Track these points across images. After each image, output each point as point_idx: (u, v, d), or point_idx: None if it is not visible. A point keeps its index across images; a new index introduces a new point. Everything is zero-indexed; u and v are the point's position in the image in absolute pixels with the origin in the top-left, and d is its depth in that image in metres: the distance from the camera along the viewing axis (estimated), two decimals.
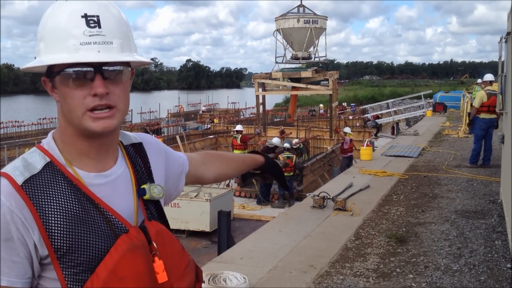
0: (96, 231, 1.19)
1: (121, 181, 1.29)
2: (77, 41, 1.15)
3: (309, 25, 26.78)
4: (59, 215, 1.16)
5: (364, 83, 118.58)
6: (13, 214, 1.13)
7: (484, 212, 7.20)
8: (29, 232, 1.14)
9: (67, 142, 1.25)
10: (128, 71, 1.24)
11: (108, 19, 1.19)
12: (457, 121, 21.73)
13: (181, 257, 1.32)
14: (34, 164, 1.19)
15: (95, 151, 1.26)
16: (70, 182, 1.20)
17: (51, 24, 1.18)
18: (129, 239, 1.20)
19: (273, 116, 33.28)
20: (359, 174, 10.34)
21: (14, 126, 24.11)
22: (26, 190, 1.15)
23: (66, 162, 1.22)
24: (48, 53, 1.18)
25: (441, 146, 14.49)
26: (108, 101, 1.18)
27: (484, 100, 10.69)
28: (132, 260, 1.19)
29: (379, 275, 4.97)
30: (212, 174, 1.72)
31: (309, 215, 7.29)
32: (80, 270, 1.17)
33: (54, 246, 1.15)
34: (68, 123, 1.23)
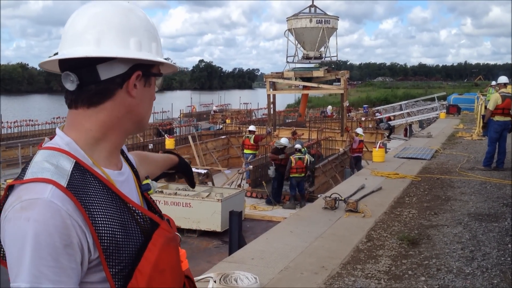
0: (129, 227, 1.21)
1: (131, 179, 1.36)
2: (159, 46, 1.34)
3: (321, 25, 26.78)
4: (102, 215, 1.15)
5: (377, 84, 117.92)
6: (72, 219, 1.09)
7: (497, 215, 7.14)
8: (85, 236, 1.12)
9: (101, 141, 1.25)
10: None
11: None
12: (471, 123, 21.55)
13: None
14: (62, 166, 1.15)
15: (118, 150, 1.34)
16: (100, 181, 1.19)
17: (147, 22, 1.32)
18: (163, 232, 1.25)
19: (285, 117, 33.23)
20: (371, 176, 10.30)
21: (28, 125, 24.36)
22: (73, 192, 1.12)
23: (93, 162, 1.22)
24: (150, 52, 1.28)
25: (454, 149, 14.39)
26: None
27: (498, 102, 10.60)
28: (169, 252, 1.25)
29: (391, 277, 4.95)
30: (143, 175, 1.61)
31: (320, 216, 7.28)
32: (121, 268, 1.17)
33: (103, 246, 1.14)
34: (132, 121, 1.29)
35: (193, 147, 19.15)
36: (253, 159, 17.05)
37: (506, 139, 10.80)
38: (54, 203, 1.08)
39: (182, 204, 11.07)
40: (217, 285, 4.67)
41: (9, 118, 28.66)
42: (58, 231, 1.07)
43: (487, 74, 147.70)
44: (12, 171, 18.40)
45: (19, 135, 23.37)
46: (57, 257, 1.07)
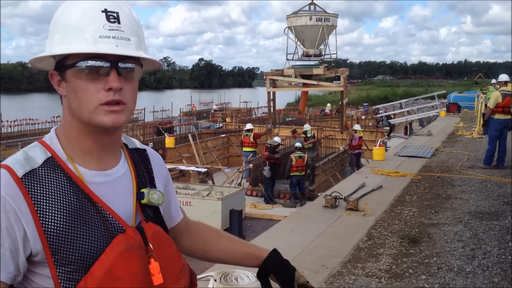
0: (92, 229, 1.17)
1: (121, 182, 1.28)
2: (96, 34, 1.15)
3: (320, 22, 26.83)
4: (56, 211, 1.14)
5: (377, 83, 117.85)
6: (7, 204, 1.10)
7: (498, 213, 7.13)
8: (21, 224, 1.11)
9: (71, 138, 1.24)
10: (139, 71, 1.25)
11: (126, 16, 1.20)
12: (471, 121, 21.54)
13: (177, 259, 1.31)
14: (35, 158, 1.18)
15: (99, 149, 1.25)
16: (69, 178, 1.18)
17: (69, 16, 1.18)
18: (126, 239, 1.18)
19: (285, 115, 33.23)
20: (372, 174, 10.29)
21: (28, 123, 24.34)
22: (25, 183, 1.13)
23: (67, 158, 1.21)
24: (64, 45, 1.17)
25: (454, 147, 14.38)
26: (121, 97, 1.19)
27: (499, 100, 10.59)
28: (128, 260, 1.17)
29: (391, 276, 4.94)
30: (186, 248, 1.57)
31: (321, 214, 7.27)
32: (74, 269, 1.14)
33: (49, 240, 1.12)
34: (75, 118, 1.22)
35: (193, 146, 19.15)
36: (254, 156, 17.11)
37: (506, 137, 10.79)
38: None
39: (182, 202, 11.07)
40: (218, 284, 4.66)
41: (9, 117, 28.65)
42: None
43: (487, 72, 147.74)
44: None
45: (19, 134, 23.36)
46: None
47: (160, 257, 1.23)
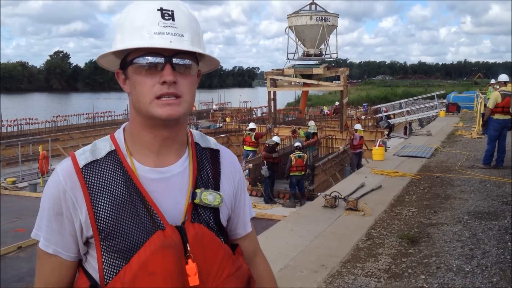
0: (137, 222, 1.23)
1: (176, 180, 1.31)
2: (151, 30, 1.21)
3: (321, 22, 26.87)
4: (107, 201, 1.23)
5: (377, 83, 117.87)
6: (67, 194, 1.24)
7: (497, 213, 7.14)
8: (77, 212, 1.24)
9: (134, 133, 1.32)
10: (196, 67, 1.29)
11: (181, 14, 1.26)
12: (471, 121, 21.55)
13: (224, 264, 1.29)
14: (101, 150, 1.29)
15: (158, 145, 1.30)
16: (125, 172, 1.27)
17: (129, 17, 1.26)
18: (163, 236, 1.22)
19: (284, 115, 33.23)
20: (371, 174, 10.30)
21: (28, 123, 24.31)
22: (84, 173, 1.25)
23: (127, 152, 1.30)
24: (124, 43, 1.24)
25: (454, 147, 14.39)
26: (175, 90, 1.23)
27: (498, 101, 10.59)
28: (163, 257, 1.20)
29: (391, 276, 4.95)
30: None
31: (320, 214, 7.29)
32: (117, 257, 1.23)
33: (99, 229, 1.23)
34: (136, 112, 1.28)
35: None
36: (254, 156, 17.18)
37: (505, 137, 10.80)
38: (58, 176, 1.27)
39: None
40: None
41: (9, 116, 28.63)
42: (52, 199, 1.27)
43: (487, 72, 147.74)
44: (12, 170, 18.41)
45: (19, 133, 23.32)
46: (50, 219, 1.28)
47: (201, 259, 1.24)
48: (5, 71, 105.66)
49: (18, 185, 15.28)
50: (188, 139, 1.39)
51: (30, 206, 11.75)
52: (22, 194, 13.66)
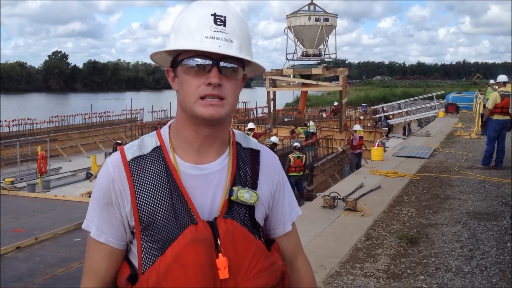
0: (174, 216, 1.30)
1: (214, 177, 1.37)
2: (203, 34, 1.28)
3: (319, 22, 26.90)
4: (149, 194, 1.31)
5: (376, 83, 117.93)
6: (115, 183, 1.33)
7: (496, 214, 7.14)
8: (124, 202, 1.33)
9: (178, 130, 1.39)
10: (241, 72, 1.35)
11: (233, 21, 1.32)
12: (470, 122, 21.57)
13: (256, 259, 1.33)
14: (147, 145, 1.37)
15: (199, 142, 1.36)
16: (167, 167, 1.34)
17: (184, 19, 1.33)
18: (195, 230, 1.28)
19: (283, 115, 33.24)
20: (370, 175, 10.30)
21: (26, 123, 24.29)
22: (131, 166, 1.34)
23: (171, 148, 1.37)
24: (176, 43, 1.32)
25: (453, 147, 14.39)
26: (220, 92, 1.29)
27: (497, 101, 10.59)
28: (195, 250, 1.26)
29: (390, 276, 4.95)
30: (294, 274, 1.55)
31: (319, 215, 7.28)
32: (155, 247, 1.30)
33: (140, 218, 1.31)
34: (182, 110, 1.35)
35: None
36: None
37: (505, 137, 10.80)
38: (109, 167, 1.36)
39: None
40: None
41: (8, 116, 28.62)
42: (103, 189, 1.35)
43: (486, 73, 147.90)
44: (11, 170, 18.39)
45: (18, 133, 23.31)
46: (101, 209, 1.36)
47: (232, 253, 1.29)
48: (4, 71, 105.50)
49: (16, 185, 15.25)
50: (230, 138, 1.45)
51: (28, 206, 11.73)
52: (20, 194, 13.62)
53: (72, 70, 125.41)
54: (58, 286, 6.93)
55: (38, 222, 10.30)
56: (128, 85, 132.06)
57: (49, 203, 12.16)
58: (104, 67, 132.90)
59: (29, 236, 8.94)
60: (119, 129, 27.59)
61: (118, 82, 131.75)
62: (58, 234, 9.21)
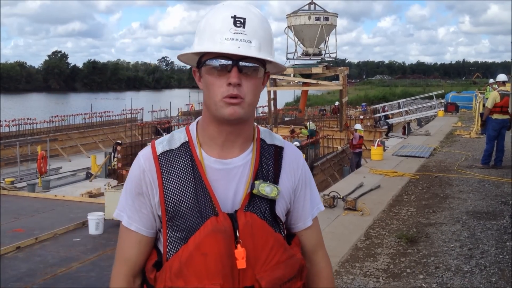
0: (198, 207, 1.37)
1: (237, 172, 1.43)
2: (223, 36, 1.34)
3: (320, 22, 26.92)
4: (176, 186, 1.39)
5: (375, 82, 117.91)
6: (146, 174, 1.42)
7: (495, 213, 7.15)
8: (153, 192, 1.41)
9: (203, 126, 1.46)
10: (262, 71, 1.41)
11: (253, 22, 1.37)
12: (469, 121, 21.58)
13: (274, 251, 1.39)
14: (176, 140, 1.46)
15: (222, 139, 1.43)
16: (194, 161, 1.42)
17: (207, 22, 1.39)
18: (216, 222, 1.35)
19: (283, 115, 33.24)
20: (370, 174, 10.31)
21: (26, 123, 24.29)
22: (160, 159, 1.42)
23: (198, 144, 1.45)
24: (199, 45, 1.39)
25: (452, 147, 14.40)
26: (239, 92, 1.35)
27: (497, 100, 10.60)
28: (215, 241, 1.33)
29: (389, 275, 4.96)
30: (314, 266, 1.64)
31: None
32: (179, 236, 1.38)
33: (166, 208, 1.39)
34: (207, 108, 1.42)
35: None
36: None
37: (504, 137, 10.81)
38: (140, 159, 1.45)
39: None
40: None
41: (8, 116, 28.64)
42: (135, 180, 1.44)
43: (486, 72, 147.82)
44: (11, 170, 18.39)
45: (18, 133, 23.31)
46: (132, 199, 1.45)
47: (250, 245, 1.35)
48: (3, 71, 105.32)
49: (16, 185, 15.25)
50: (255, 135, 1.50)
51: (28, 206, 11.74)
52: (20, 194, 13.64)
53: (72, 70, 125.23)
54: (58, 286, 6.93)
55: (38, 222, 10.32)
56: (128, 85, 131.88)
57: (49, 203, 12.18)
58: (104, 67, 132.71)
59: (29, 236, 8.95)
60: (119, 128, 27.56)
61: (118, 82, 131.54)
62: (58, 234, 9.22)
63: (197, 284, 1.33)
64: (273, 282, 1.37)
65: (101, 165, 17.42)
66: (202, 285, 1.33)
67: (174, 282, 1.35)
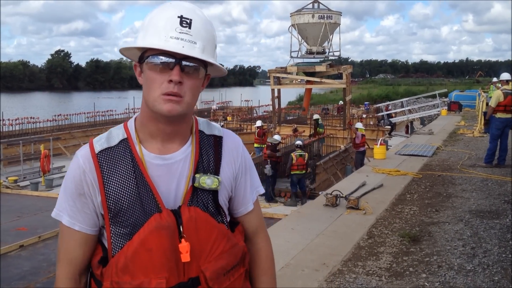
0: (141, 204, 1.38)
1: (178, 166, 1.45)
2: (168, 34, 1.36)
3: (323, 20, 26.91)
4: (117, 184, 1.40)
5: (378, 81, 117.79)
6: (86, 175, 1.42)
7: (498, 212, 7.13)
8: (95, 193, 1.41)
9: (143, 123, 1.46)
10: (203, 72, 1.43)
11: (198, 24, 1.40)
12: (473, 120, 21.53)
13: (218, 243, 1.43)
14: (114, 138, 1.45)
15: (162, 135, 1.44)
16: (134, 158, 1.42)
17: (154, 18, 1.41)
18: (159, 218, 1.37)
19: (286, 114, 33.22)
20: (373, 173, 10.30)
21: (29, 122, 24.34)
22: (99, 158, 1.42)
23: (137, 140, 1.45)
24: (143, 41, 1.40)
25: (455, 146, 14.38)
26: (179, 90, 1.36)
27: (500, 99, 10.57)
28: (159, 237, 1.35)
29: (392, 274, 4.95)
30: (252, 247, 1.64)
31: (321, 213, 7.28)
32: (124, 233, 1.39)
33: (108, 207, 1.40)
34: (146, 104, 1.42)
35: None
36: (259, 152, 17.44)
37: (507, 136, 10.79)
38: (79, 159, 1.44)
39: None
40: None
41: (10, 115, 28.67)
42: (75, 180, 1.44)
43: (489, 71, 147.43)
44: (14, 169, 18.43)
45: (20, 132, 23.36)
46: (74, 200, 1.44)
47: (194, 238, 1.38)
48: (6, 70, 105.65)
49: (19, 184, 15.31)
50: (193, 127, 1.52)
51: (31, 205, 11.78)
52: (23, 193, 13.69)
53: (75, 69, 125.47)
54: None
55: (41, 220, 10.34)
56: (130, 83, 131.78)
57: (52, 202, 12.09)
58: (107, 65, 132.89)
59: (32, 235, 8.98)
60: None
61: (120, 80, 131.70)
62: None
63: (143, 278, 1.35)
64: (217, 272, 1.41)
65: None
66: (148, 279, 1.35)
67: (120, 277, 1.37)
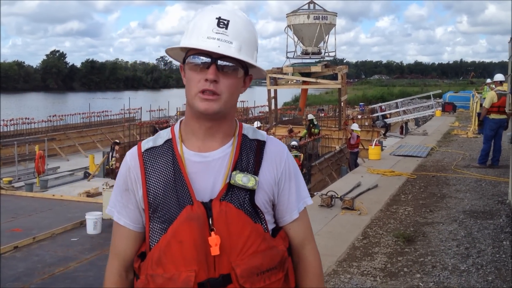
0: (177, 198, 1.44)
1: (216, 164, 1.49)
2: (206, 35, 1.43)
3: (319, 21, 26.97)
4: (157, 180, 1.47)
5: (373, 82, 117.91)
6: (131, 172, 1.52)
7: (492, 212, 7.17)
8: (137, 188, 1.50)
9: (186, 122, 1.54)
10: (241, 72, 1.47)
11: (235, 25, 1.45)
12: (466, 121, 21.61)
13: (251, 241, 1.42)
14: (161, 138, 1.54)
15: (202, 133, 1.50)
16: (174, 155, 1.49)
17: (195, 21, 1.48)
18: (190, 210, 1.41)
19: (281, 114, 33.24)
20: (367, 174, 10.33)
21: (24, 123, 24.23)
22: (144, 156, 1.51)
23: (180, 139, 1.52)
24: (183, 41, 1.48)
25: (450, 146, 14.44)
26: (215, 88, 1.42)
27: (494, 100, 10.62)
28: (189, 228, 1.39)
29: (386, 275, 4.97)
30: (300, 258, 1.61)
31: (316, 214, 7.30)
32: (162, 228, 1.45)
33: (149, 202, 1.47)
34: (188, 103, 1.50)
35: None
36: None
37: (501, 137, 10.84)
38: (127, 158, 1.54)
39: None
40: None
41: (5, 116, 28.53)
42: (122, 177, 1.55)
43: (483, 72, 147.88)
44: (9, 169, 18.35)
45: (15, 133, 23.24)
46: (121, 195, 1.54)
47: (225, 233, 1.40)
48: (1, 70, 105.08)
49: (14, 184, 15.25)
50: (236, 130, 1.56)
51: (26, 206, 11.74)
52: (18, 194, 13.63)
53: (70, 69, 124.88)
54: (56, 286, 6.94)
55: (36, 221, 10.32)
56: (126, 84, 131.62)
57: (47, 203, 12.18)
58: (102, 66, 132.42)
59: (27, 236, 8.95)
60: (117, 128, 27.50)
61: (116, 81, 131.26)
62: (56, 233, 9.23)
63: (174, 271, 1.38)
64: (249, 270, 1.39)
65: (99, 165, 17.40)
66: (178, 271, 1.38)
67: (154, 270, 1.41)
